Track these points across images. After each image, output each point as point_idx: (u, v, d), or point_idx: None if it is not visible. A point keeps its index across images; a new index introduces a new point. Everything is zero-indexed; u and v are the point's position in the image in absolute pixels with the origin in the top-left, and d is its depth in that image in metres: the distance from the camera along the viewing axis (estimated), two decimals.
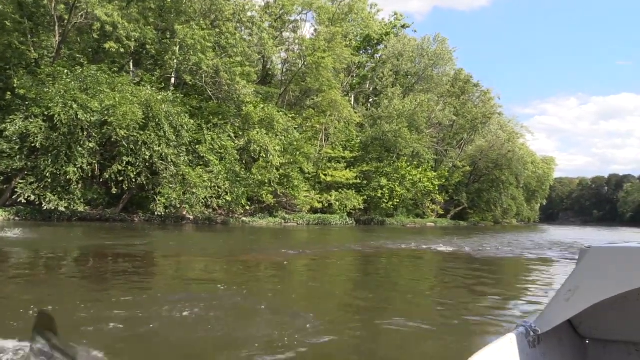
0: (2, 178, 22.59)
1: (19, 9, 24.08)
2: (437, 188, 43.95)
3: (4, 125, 20.12)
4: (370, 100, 48.00)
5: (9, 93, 21.05)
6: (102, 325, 4.27)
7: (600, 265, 2.03)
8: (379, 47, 48.33)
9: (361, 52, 47.22)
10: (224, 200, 25.13)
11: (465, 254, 14.34)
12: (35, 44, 25.04)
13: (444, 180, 46.93)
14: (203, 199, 23.70)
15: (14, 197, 21.40)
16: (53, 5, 23.68)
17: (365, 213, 40.64)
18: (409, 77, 46.77)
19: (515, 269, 12.21)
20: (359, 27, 43.64)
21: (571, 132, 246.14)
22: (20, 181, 21.01)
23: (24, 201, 21.12)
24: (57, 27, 23.97)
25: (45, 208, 21.13)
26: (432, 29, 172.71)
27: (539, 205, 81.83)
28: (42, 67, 22.86)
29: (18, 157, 20.58)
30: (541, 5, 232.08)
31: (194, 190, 23.05)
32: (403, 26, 50.10)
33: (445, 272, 11.03)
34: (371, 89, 48.20)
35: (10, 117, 20.36)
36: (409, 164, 41.29)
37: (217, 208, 26.07)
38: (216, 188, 24.62)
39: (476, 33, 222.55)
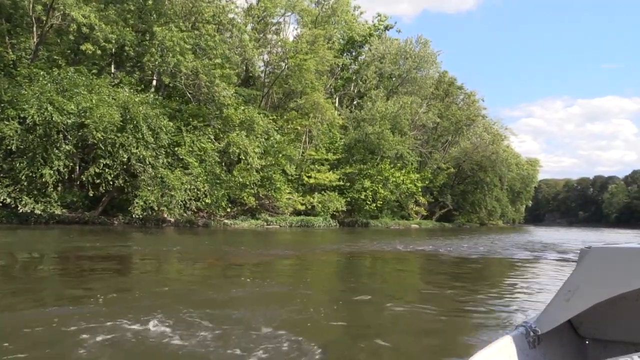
0: None
1: None
2: (420, 190, 44.09)
3: None
4: (355, 102, 48.09)
5: None
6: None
7: (600, 266, 2.02)
8: (362, 49, 48.41)
9: (345, 54, 47.29)
10: (204, 203, 25.00)
11: (443, 254, 14.41)
12: (13, 45, 24.82)
13: (427, 182, 47.07)
14: (181, 201, 23.56)
15: None
16: (31, 6, 23.49)
17: (350, 215, 40.66)
18: (393, 79, 46.91)
19: (495, 268, 12.30)
20: (342, 30, 43.68)
21: (557, 134, 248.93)
22: None
23: None
24: (35, 29, 23.77)
25: (21, 211, 20.92)
26: (420, 31, 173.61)
27: (524, 206, 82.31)
28: (19, 68, 22.66)
29: None
30: (528, 9, 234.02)
31: (172, 193, 22.90)
32: (386, 27, 50.19)
33: (424, 270, 11.12)
34: (355, 91, 48.29)
35: None
36: (392, 165, 41.38)
37: (196, 210, 25.92)
38: (195, 190, 24.49)
39: (464, 36, 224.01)
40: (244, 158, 26.53)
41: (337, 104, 46.35)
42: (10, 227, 19.70)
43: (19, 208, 20.83)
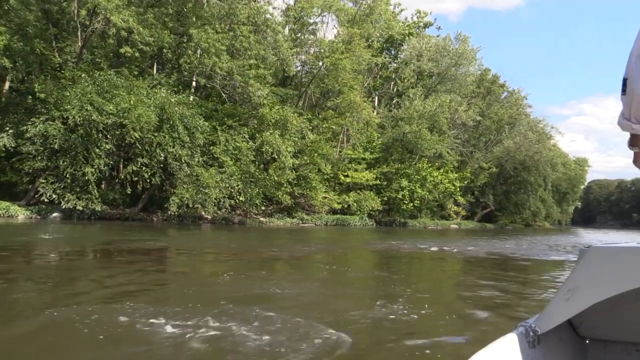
0: (27, 178, 23.68)
1: (44, 16, 25.07)
2: (458, 189, 43.38)
3: (25, 127, 20.99)
4: (395, 101, 47.75)
5: (30, 97, 21.93)
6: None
7: (600, 265, 1.99)
8: (401, 48, 47.97)
9: (384, 52, 46.99)
10: (237, 201, 25.52)
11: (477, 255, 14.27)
12: (60, 49, 26.00)
13: (466, 182, 46.27)
14: (215, 199, 24.13)
15: (36, 196, 22.29)
16: (76, 11, 24.54)
17: (388, 214, 40.51)
18: (433, 77, 46.24)
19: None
20: (380, 28, 43.33)
21: (610, 133, 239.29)
22: (42, 181, 21.86)
23: (46, 200, 21.94)
24: (79, 33, 24.81)
25: (64, 207, 21.90)
26: (466, 29, 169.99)
27: (573, 207, 79.62)
28: (64, 71, 23.72)
29: (39, 157, 21.42)
30: (576, 3, 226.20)
31: (206, 191, 23.50)
32: (426, 25, 49.59)
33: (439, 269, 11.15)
34: (395, 90, 47.96)
35: (32, 119, 21.21)
36: (430, 165, 40.92)
37: (228, 208, 26.44)
38: (229, 189, 25.03)
39: (511, 33, 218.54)
40: (277, 157, 26.92)
41: (376, 103, 46.17)
42: (57, 223, 20.70)
43: (62, 204, 21.84)
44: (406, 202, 38.95)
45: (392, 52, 49.11)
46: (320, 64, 33.25)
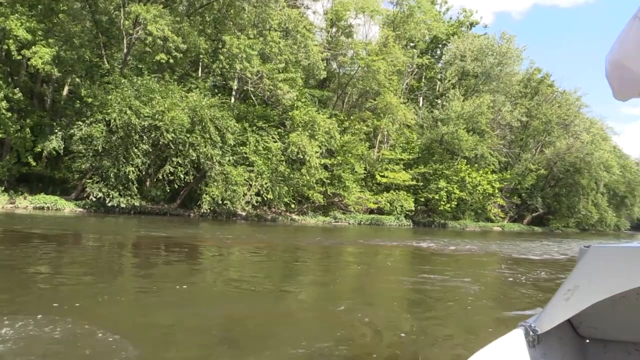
0: (77, 175, 25.86)
1: (94, 26, 27.23)
2: (497, 191, 42.59)
3: (72, 131, 23.02)
4: (439, 101, 47.48)
5: (77, 101, 24.00)
6: None
7: (600, 265, 2.01)
8: (446, 48, 47.61)
9: (428, 53, 46.81)
10: (265, 198, 26.69)
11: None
12: (109, 55, 28.10)
13: (506, 184, 45.32)
14: (243, 196, 25.41)
15: (82, 193, 24.31)
16: (122, 21, 26.52)
17: (428, 215, 40.50)
18: (477, 77, 45.57)
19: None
20: (422, 30, 43.11)
21: None
22: (88, 180, 23.81)
23: (93, 199, 23.79)
24: (124, 41, 26.75)
25: (109, 204, 23.74)
26: (531, 28, 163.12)
27: (635, 212, 75.38)
28: (111, 77, 25.66)
29: (85, 158, 23.40)
30: None
31: (235, 188, 24.81)
32: (472, 24, 48.89)
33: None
34: (438, 91, 47.71)
35: (78, 122, 23.22)
36: (470, 166, 40.55)
37: (257, 205, 27.62)
38: (256, 186, 26.27)
39: (580, 30, 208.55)
40: (302, 157, 27.87)
41: (421, 104, 46.05)
42: (99, 216, 22.62)
43: (107, 201, 23.68)
44: (443, 202, 38.84)
45: (437, 52, 48.82)
46: (355, 66, 33.89)
